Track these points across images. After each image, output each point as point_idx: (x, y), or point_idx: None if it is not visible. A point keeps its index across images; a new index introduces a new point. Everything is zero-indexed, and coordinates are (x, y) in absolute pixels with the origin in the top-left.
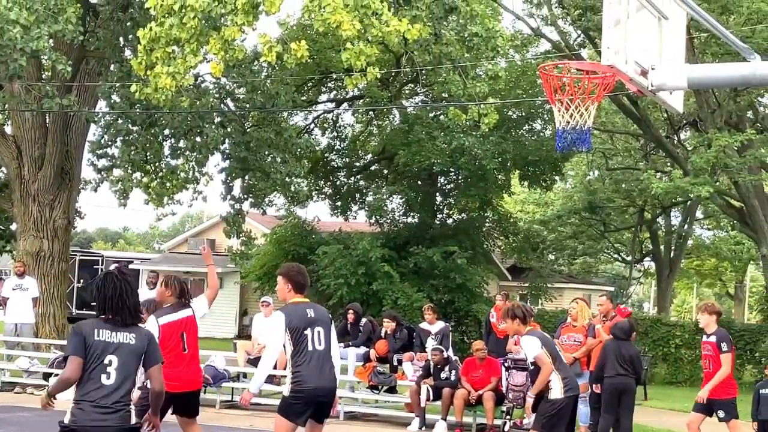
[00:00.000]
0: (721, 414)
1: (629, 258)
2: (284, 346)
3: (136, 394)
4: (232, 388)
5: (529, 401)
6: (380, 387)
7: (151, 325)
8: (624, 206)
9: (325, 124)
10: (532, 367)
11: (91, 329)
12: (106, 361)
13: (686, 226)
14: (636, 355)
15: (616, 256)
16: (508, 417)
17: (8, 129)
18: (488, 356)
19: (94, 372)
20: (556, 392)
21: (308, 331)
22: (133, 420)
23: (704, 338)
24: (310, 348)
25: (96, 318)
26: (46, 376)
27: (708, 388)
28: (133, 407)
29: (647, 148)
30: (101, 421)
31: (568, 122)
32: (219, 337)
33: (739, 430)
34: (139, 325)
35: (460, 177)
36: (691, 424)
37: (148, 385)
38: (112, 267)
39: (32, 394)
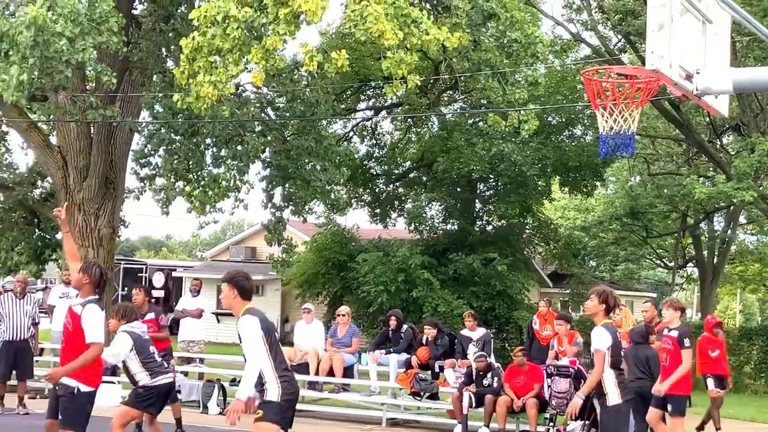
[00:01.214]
0: (669, 408)
1: (672, 264)
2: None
3: None
4: None
5: (577, 401)
6: (422, 393)
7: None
8: (666, 212)
9: (364, 132)
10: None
11: None
12: None
13: (729, 231)
14: (654, 357)
15: (658, 262)
16: (551, 424)
17: (54, 139)
18: (531, 363)
19: None
20: (614, 398)
21: (276, 336)
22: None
23: (665, 332)
24: (281, 351)
25: None
26: None
27: (669, 383)
28: None
29: (690, 153)
30: None
31: (612, 127)
32: None
33: (679, 428)
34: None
35: (499, 183)
36: (651, 420)
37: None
38: None
39: None
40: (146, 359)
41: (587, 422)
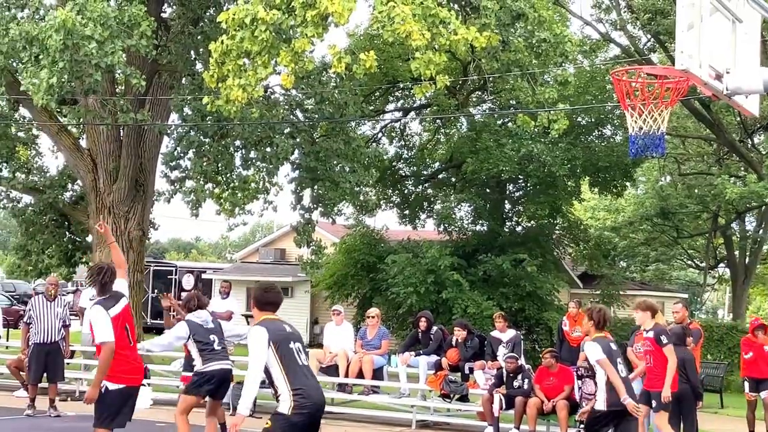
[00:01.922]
0: (654, 404)
1: (703, 264)
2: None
3: None
4: None
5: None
6: (452, 395)
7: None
8: (697, 212)
9: (392, 133)
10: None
11: None
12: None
13: (761, 231)
14: (690, 360)
15: (689, 262)
16: (581, 426)
17: (83, 143)
18: (561, 364)
19: None
20: (600, 404)
21: (292, 345)
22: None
23: (644, 334)
24: (299, 362)
25: None
26: None
27: (668, 385)
28: None
29: (720, 153)
30: None
31: (641, 127)
32: None
33: (664, 423)
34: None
35: (529, 184)
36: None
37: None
38: None
39: None
40: (203, 347)
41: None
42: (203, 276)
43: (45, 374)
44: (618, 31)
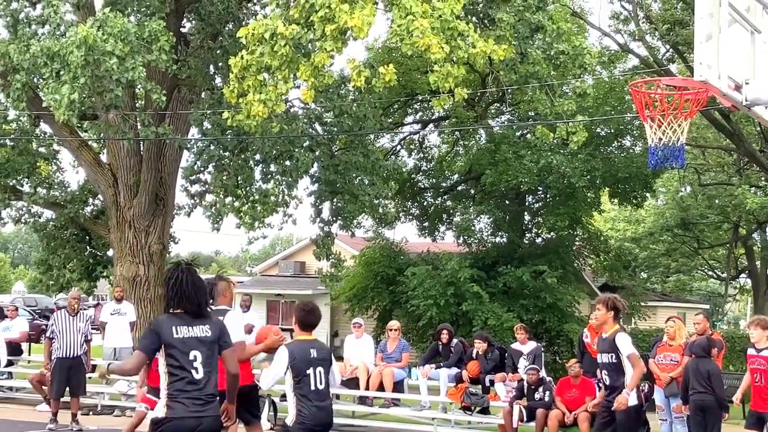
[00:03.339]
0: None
1: (724, 275)
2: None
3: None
4: None
5: (625, 396)
6: (473, 408)
7: None
8: (718, 222)
9: (411, 146)
10: (614, 362)
11: (168, 327)
12: (191, 357)
13: None
14: (715, 371)
15: (710, 273)
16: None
17: (104, 157)
18: (583, 376)
19: (183, 368)
20: (632, 399)
21: (310, 371)
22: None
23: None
24: (312, 387)
25: (168, 314)
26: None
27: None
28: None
29: (741, 163)
30: (199, 412)
31: (661, 139)
32: None
33: None
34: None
35: (548, 195)
36: None
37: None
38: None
39: (131, 417)
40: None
41: None
42: None
43: (67, 388)
44: (636, 42)
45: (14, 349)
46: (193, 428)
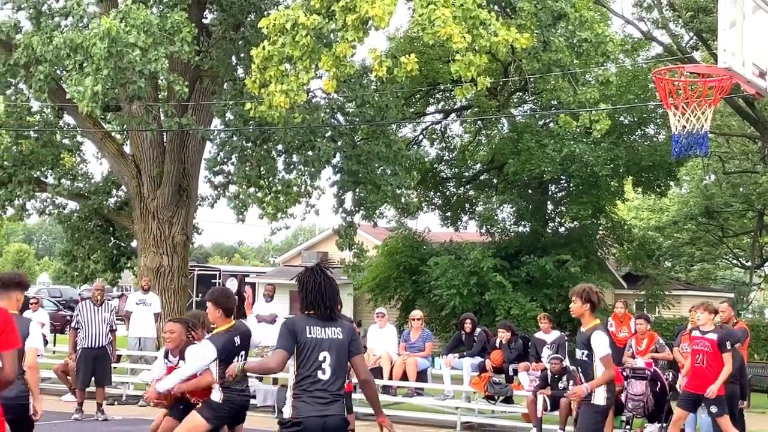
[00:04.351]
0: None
1: (749, 263)
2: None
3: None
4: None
5: (582, 390)
6: (496, 397)
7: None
8: (742, 210)
9: (433, 136)
10: (586, 360)
11: (302, 326)
12: (320, 358)
13: None
14: (740, 361)
15: (735, 261)
16: (627, 427)
17: (127, 149)
18: None
19: (311, 368)
20: (599, 398)
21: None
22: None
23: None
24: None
25: (303, 314)
26: None
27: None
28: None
29: (765, 150)
30: (323, 410)
31: (684, 126)
32: None
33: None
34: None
35: (571, 184)
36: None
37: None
38: (313, 262)
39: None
40: None
41: (664, 425)
42: (246, 280)
43: (93, 378)
44: (660, 30)
45: None
46: (318, 427)
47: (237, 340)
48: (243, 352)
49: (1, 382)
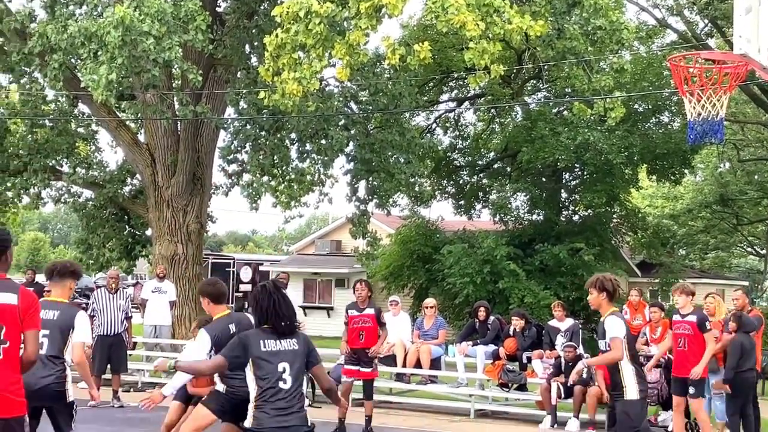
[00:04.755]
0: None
1: (764, 251)
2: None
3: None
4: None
5: (580, 366)
6: (510, 385)
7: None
8: (757, 198)
9: (447, 124)
10: (607, 350)
11: (257, 340)
12: (280, 369)
13: None
14: (752, 348)
15: (749, 249)
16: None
17: (142, 137)
18: None
19: (272, 379)
20: (632, 392)
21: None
22: (309, 421)
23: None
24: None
25: (258, 329)
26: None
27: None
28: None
29: None
30: (283, 422)
31: (700, 113)
32: None
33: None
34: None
35: (585, 173)
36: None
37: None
38: (268, 280)
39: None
40: None
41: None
42: (260, 268)
43: (108, 365)
44: (675, 17)
45: None
46: None
47: (232, 327)
48: None
49: (23, 362)
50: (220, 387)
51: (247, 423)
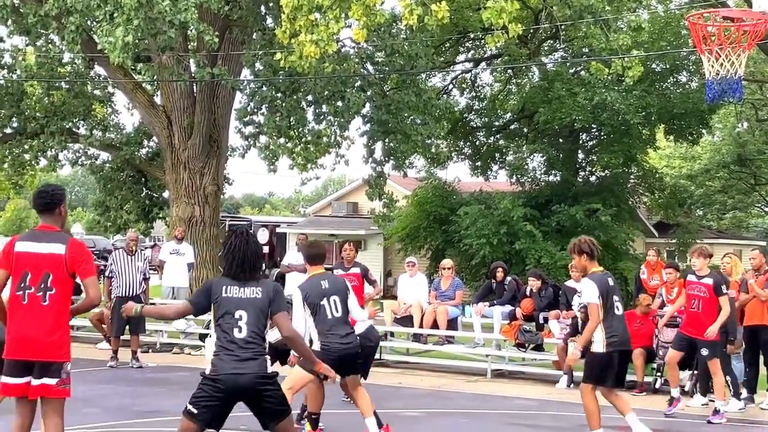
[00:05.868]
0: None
1: None
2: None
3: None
4: (381, 346)
5: (575, 353)
6: (527, 345)
7: None
8: None
9: (463, 85)
10: (582, 311)
11: (220, 286)
12: (236, 316)
13: None
14: None
15: (767, 209)
16: (659, 374)
17: (158, 99)
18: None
19: (228, 326)
20: (598, 346)
21: (324, 302)
22: (269, 368)
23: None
24: (329, 316)
25: (226, 276)
26: (202, 336)
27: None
28: (268, 357)
29: None
30: (238, 368)
31: (718, 72)
32: None
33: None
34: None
35: (602, 133)
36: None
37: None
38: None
39: (189, 354)
40: None
41: (695, 372)
42: (277, 230)
43: (127, 327)
44: None
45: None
46: (232, 384)
47: (324, 283)
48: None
49: (85, 304)
50: (317, 346)
51: (207, 370)
